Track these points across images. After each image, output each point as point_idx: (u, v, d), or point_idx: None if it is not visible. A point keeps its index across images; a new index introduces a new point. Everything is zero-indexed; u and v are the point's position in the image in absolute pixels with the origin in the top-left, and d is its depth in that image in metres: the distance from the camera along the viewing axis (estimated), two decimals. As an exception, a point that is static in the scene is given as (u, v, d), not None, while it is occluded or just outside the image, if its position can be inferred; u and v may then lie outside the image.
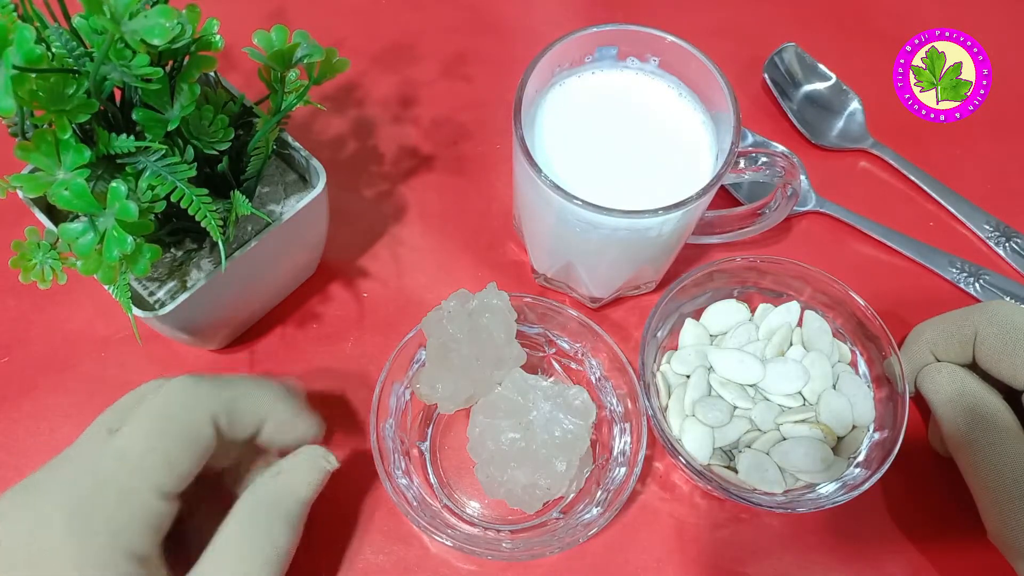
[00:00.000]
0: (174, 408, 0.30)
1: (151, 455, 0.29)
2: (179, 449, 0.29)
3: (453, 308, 0.36)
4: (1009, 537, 0.34)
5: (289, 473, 0.32)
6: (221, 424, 0.31)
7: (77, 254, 0.28)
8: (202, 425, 0.30)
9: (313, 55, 0.32)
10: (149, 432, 0.29)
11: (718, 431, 0.38)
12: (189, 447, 0.30)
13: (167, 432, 0.29)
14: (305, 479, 0.32)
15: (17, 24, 0.25)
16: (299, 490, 0.32)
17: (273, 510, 0.31)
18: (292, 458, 0.33)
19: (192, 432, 0.30)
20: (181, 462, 0.29)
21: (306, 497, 0.32)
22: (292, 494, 0.32)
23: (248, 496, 0.31)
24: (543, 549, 0.35)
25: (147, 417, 0.30)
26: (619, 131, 0.38)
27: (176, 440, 0.29)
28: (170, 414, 0.30)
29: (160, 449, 0.29)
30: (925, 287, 0.46)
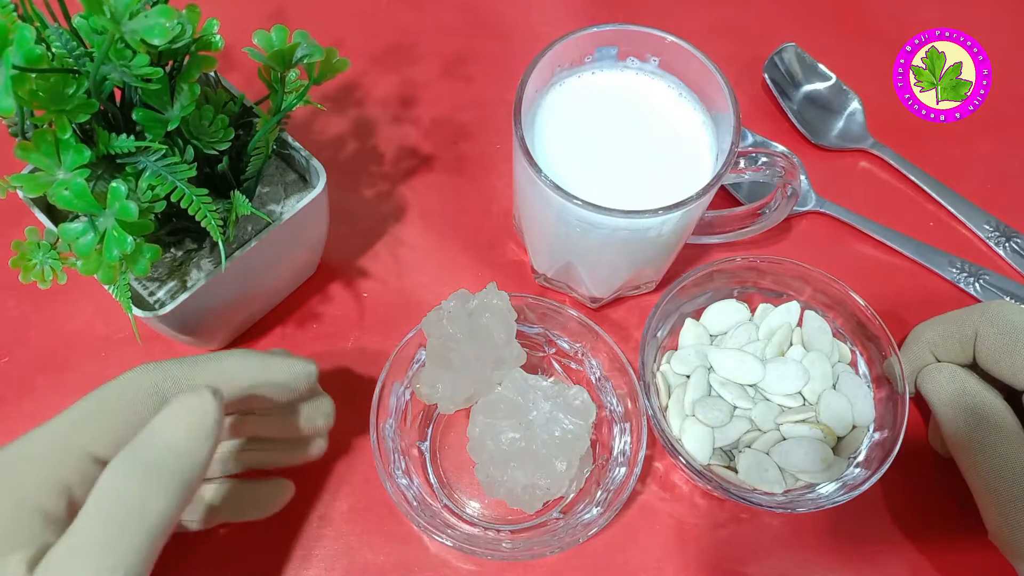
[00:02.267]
0: (114, 384, 0.30)
1: (73, 421, 0.28)
2: (107, 417, 0.29)
3: (453, 308, 0.36)
4: (1009, 537, 0.34)
5: (160, 420, 0.28)
6: (168, 393, 0.30)
7: (77, 254, 0.28)
8: (142, 395, 0.29)
9: (313, 55, 0.32)
10: (85, 402, 0.29)
11: (718, 431, 0.38)
12: (121, 414, 0.29)
13: (98, 403, 0.29)
14: (171, 422, 0.27)
15: (17, 24, 0.25)
16: (175, 440, 0.27)
17: (143, 469, 0.27)
18: (168, 405, 0.29)
19: (128, 401, 0.29)
20: (109, 430, 0.28)
21: (186, 447, 0.27)
22: (167, 447, 0.27)
23: (119, 454, 0.27)
24: (543, 549, 0.35)
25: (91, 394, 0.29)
26: (619, 131, 0.38)
27: (106, 409, 0.29)
28: (107, 388, 0.29)
29: (84, 417, 0.28)
30: (925, 287, 0.46)
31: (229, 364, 0.31)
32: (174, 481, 0.27)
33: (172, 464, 0.27)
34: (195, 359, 0.31)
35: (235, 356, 0.32)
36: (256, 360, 0.32)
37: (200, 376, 0.30)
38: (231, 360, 0.32)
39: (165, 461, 0.27)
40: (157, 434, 0.27)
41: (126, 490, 0.26)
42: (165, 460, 0.27)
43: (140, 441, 0.27)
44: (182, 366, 0.30)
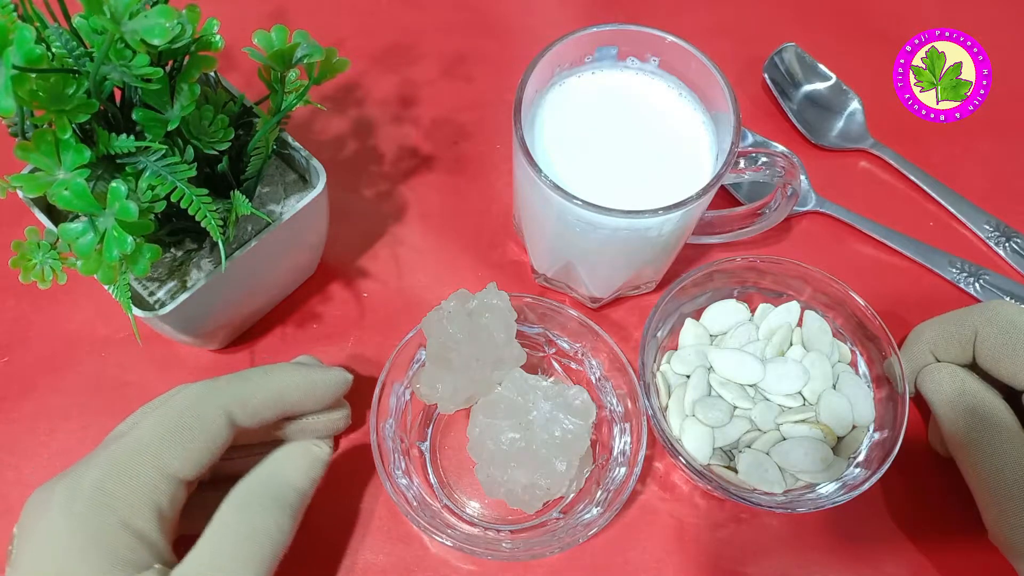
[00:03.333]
0: (184, 402, 0.31)
1: (155, 439, 0.30)
2: (185, 436, 0.30)
3: (453, 308, 0.36)
4: (1009, 537, 0.34)
5: (281, 462, 0.33)
6: (236, 415, 0.31)
7: (77, 254, 0.28)
8: (212, 415, 0.31)
9: (313, 55, 0.32)
10: (158, 422, 0.30)
11: (718, 431, 0.38)
12: (197, 435, 0.30)
13: (175, 421, 0.30)
14: (296, 467, 0.33)
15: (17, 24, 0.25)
16: (292, 479, 0.32)
17: (265, 500, 0.31)
18: (285, 448, 0.33)
19: (201, 421, 0.30)
20: (187, 448, 0.30)
21: (301, 486, 0.32)
22: (284, 483, 0.32)
23: (242, 483, 0.32)
24: (543, 549, 0.35)
25: (159, 412, 0.31)
26: (619, 131, 0.38)
27: (183, 428, 0.30)
28: (180, 407, 0.31)
29: (165, 434, 0.30)
30: (925, 287, 0.46)
31: (281, 381, 0.33)
32: (293, 515, 0.31)
33: (292, 501, 0.32)
34: (248, 376, 0.33)
35: (285, 372, 0.33)
36: (304, 376, 0.34)
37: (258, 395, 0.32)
38: (282, 376, 0.33)
39: (287, 498, 0.31)
40: (279, 474, 0.32)
41: (256, 520, 0.30)
42: (287, 497, 0.31)
43: (263, 478, 0.32)
44: (242, 385, 0.32)
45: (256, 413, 0.32)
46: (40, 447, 0.40)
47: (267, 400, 0.32)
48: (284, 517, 0.31)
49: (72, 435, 0.40)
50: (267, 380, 0.33)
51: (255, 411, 0.32)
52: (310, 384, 0.34)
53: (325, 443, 0.34)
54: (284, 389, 0.33)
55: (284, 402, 0.33)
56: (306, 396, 0.33)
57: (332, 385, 0.34)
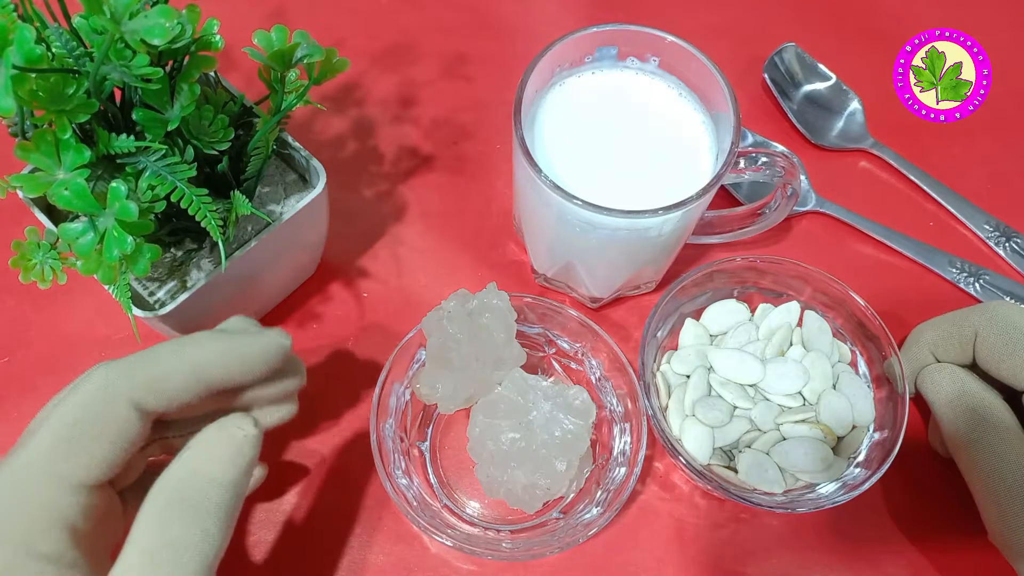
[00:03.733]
0: (83, 400, 0.27)
1: (52, 451, 0.26)
2: (89, 440, 0.26)
3: (453, 308, 0.36)
4: (1009, 537, 0.34)
5: (199, 454, 0.27)
6: (147, 403, 0.27)
7: (77, 254, 0.28)
8: (118, 411, 0.27)
9: (313, 55, 0.32)
10: (54, 430, 0.26)
11: (718, 431, 0.38)
12: (103, 436, 0.26)
13: (74, 426, 0.26)
14: (215, 456, 0.27)
15: (17, 24, 0.25)
16: (211, 472, 0.26)
17: (184, 505, 0.26)
18: (201, 435, 0.28)
19: (105, 420, 0.26)
20: (94, 453, 0.26)
21: (225, 479, 0.26)
22: (203, 479, 0.26)
23: (154, 491, 0.26)
24: (543, 549, 0.35)
25: (55, 416, 0.27)
26: (619, 131, 0.38)
27: (84, 432, 0.26)
28: (78, 407, 0.27)
29: (64, 444, 0.26)
30: (925, 287, 0.46)
31: (195, 357, 0.28)
32: (221, 515, 0.26)
33: (217, 498, 0.26)
34: (157, 355, 0.28)
35: (201, 346, 0.28)
36: (225, 348, 0.29)
37: (171, 377, 0.27)
38: (197, 351, 0.28)
39: (210, 496, 0.26)
40: (198, 470, 0.27)
41: (175, 530, 0.25)
42: (209, 495, 0.26)
43: (179, 478, 0.26)
44: (148, 367, 0.27)
45: (173, 397, 0.27)
46: (40, 447, 0.40)
47: (183, 381, 0.27)
48: (210, 522, 0.26)
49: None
50: (179, 358, 0.28)
51: (171, 396, 0.27)
52: (234, 356, 0.28)
53: (248, 421, 0.28)
54: (201, 366, 0.28)
55: (204, 381, 0.28)
56: (230, 371, 0.28)
57: (263, 354, 0.29)
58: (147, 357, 0.28)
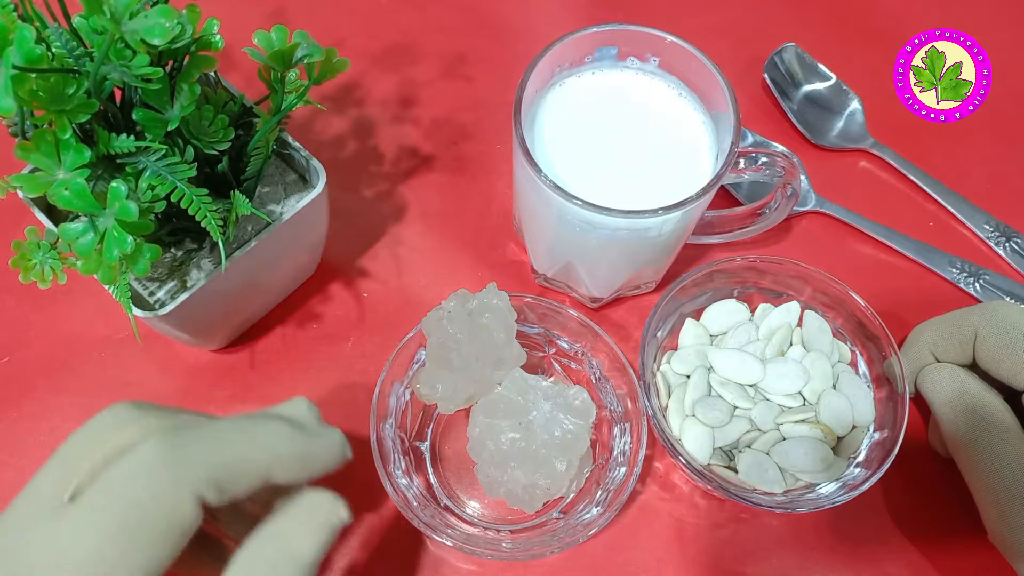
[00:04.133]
0: (144, 494, 0.23)
1: (111, 557, 0.23)
2: (149, 545, 0.23)
3: (453, 308, 0.36)
4: (1009, 537, 0.34)
5: (287, 533, 0.26)
6: (207, 498, 0.24)
7: (77, 254, 0.28)
8: (182, 510, 0.24)
9: (313, 55, 0.32)
10: (110, 527, 0.23)
11: (718, 431, 0.38)
12: (163, 540, 0.23)
13: (135, 526, 0.23)
14: (307, 539, 0.26)
15: (17, 24, 0.25)
16: (301, 553, 0.25)
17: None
18: (293, 511, 0.26)
19: (168, 522, 0.23)
20: (152, 559, 0.23)
21: (310, 560, 0.25)
22: (293, 559, 0.25)
23: (244, 561, 0.25)
24: (543, 549, 0.35)
25: (108, 502, 0.23)
26: (619, 131, 0.38)
27: (146, 535, 0.23)
28: (140, 503, 0.23)
29: (124, 548, 0.23)
30: (925, 287, 0.46)
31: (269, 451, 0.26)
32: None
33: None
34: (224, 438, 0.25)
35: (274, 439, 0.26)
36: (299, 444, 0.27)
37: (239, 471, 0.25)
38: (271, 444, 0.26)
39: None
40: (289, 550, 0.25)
41: None
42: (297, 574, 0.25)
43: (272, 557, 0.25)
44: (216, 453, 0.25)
45: (231, 496, 0.25)
46: (40, 447, 0.40)
47: (247, 481, 0.25)
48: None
49: (72, 435, 0.40)
50: (252, 453, 0.25)
51: (231, 494, 0.25)
52: (303, 461, 0.27)
53: (341, 506, 0.26)
54: (271, 465, 0.26)
55: (268, 478, 0.26)
56: (295, 475, 0.26)
57: (326, 464, 0.27)
58: (218, 444, 0.25)
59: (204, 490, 0.24)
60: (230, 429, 0.26)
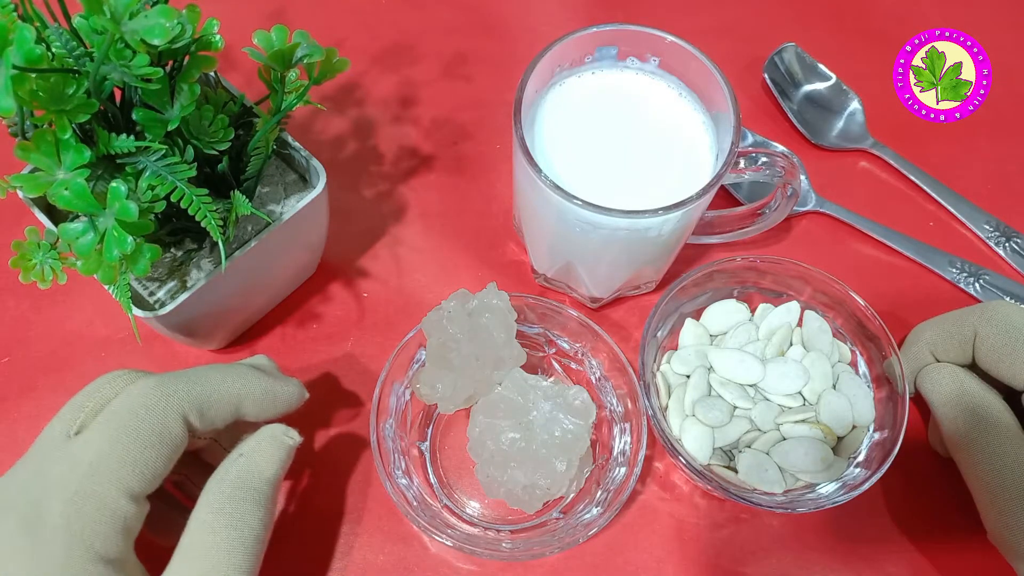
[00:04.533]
0: (140, 410, 0.29)
1: (114, 457, 0.28)
2: (145, 450, 0.29)
3: (453, 308, 0.36)
4: (1009, 537, 0.34)
5: (251, 455, 0.31)
6: (192, 421, 0.30)
7: (77, 254, 0.28)
8: (171, 425, 0.29)
9: (313, 55, 0.32)
10: (113, 435, 0.29)
11: (718, 431, 0.38)
12: (157, 448, 0.29)
13: (133, 433, 0.29)
14: (268, 458, 0.31)
15: (17, 24, 0.25)
16: (264, 469, 0.31)
17: (240, 493, 0.30)
18: (253, 439, 0.32)
19: (160, 433, 0.29)
20: (148, 463, 0.29)
21: (272, 475, 0.31)
22: (257, 475, 0.31)
23: (213, 482, 0.30)
24: (543, 549, 0.35)
25: (110, 419, 0.29)
26: (619, 131, 0.38)
27: (142, 441, 0.29)
28: (136, 415, 0.29)
29: (124, 451, 0.28)
30: (925, 287, 0.46)
31: (240, 388, 0.32)
32: (271, 508, 0.31)
33: (269, 492, 0.31)
34: (205, 378, 0.31)
35: (244, 379, 0.32)
36: (264, 387, 0.33)
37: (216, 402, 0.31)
38: (242, 384, 0.32)
39: (264, 490, 0.31)
40: (254, 468, 0.31)
41: (237, 513, 0.30)
42: (264, 489, 0.31)
43: (239, 474, 0.30)
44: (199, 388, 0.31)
45: (211, 421, 0.31)
46: (40, 447, 0.40)
47: (224, 408, 0.31)
48: (264, 510, 0.30)
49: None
50: (225, 386, 0.32)
51: (211, 419, 0.31)
52: (269, 397, 0.33)
53: (293, 431, 0.33)
54: (242, 398, 0.32)
55: (239, 412, 0.32)
56: (262, 410, 0.33)
57: (288, 400, 0.34)
58: (197, 377, 0.31)
59: (189, 411, 0.30)
60: (207, 369, 0.32)
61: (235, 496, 0.30)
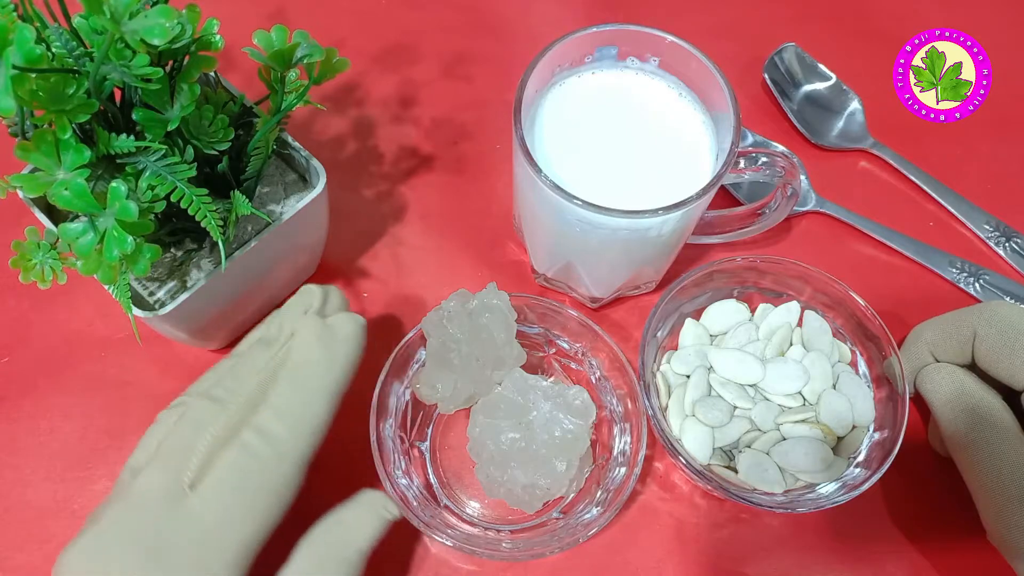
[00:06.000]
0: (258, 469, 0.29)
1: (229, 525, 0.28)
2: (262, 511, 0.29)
3: (453, 308, 0.36)
4: (1007, 537, 0.34)
5: (349, 524, 0.32)
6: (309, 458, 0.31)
7: (77, 254, 0.28)
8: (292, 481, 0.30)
9: (313, 55, 0.32)
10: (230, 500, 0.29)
11: (718, 431, 0.38)
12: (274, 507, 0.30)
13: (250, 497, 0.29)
14: (365, 530, 0.32)
15: (17, 24, 0.25)
16: (358, 541, 0.32)
17: (332, 563, 0.31)
18: (352, 507, 0.33)
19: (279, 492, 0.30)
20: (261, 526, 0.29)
21: (365, 548, 0.32)
22: (351, 545, 0.31)
23: (307, 546, 0.31)
24: (543, 549, 0.35)
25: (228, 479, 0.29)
26: (619, 131, 0.38)
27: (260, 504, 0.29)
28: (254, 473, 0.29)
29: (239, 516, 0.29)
30: (925, 287, 0.46)
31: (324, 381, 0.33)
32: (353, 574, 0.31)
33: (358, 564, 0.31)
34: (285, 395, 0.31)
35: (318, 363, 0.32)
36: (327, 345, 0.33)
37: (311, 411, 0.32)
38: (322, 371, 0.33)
39: (354, 562, 0.31)
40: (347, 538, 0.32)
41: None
42: (354, 561, 0.31)
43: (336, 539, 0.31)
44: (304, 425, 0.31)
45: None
46: (40, 447, 0.40)
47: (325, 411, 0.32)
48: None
49: (72, 435, 0.40)
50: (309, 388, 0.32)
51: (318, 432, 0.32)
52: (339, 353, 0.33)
53: (392, 504, 0.33)
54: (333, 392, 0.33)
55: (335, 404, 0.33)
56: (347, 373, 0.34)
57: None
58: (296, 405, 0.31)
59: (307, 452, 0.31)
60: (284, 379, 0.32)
61: (327, 565, 0.31)
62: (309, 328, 0.33)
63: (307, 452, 0.31)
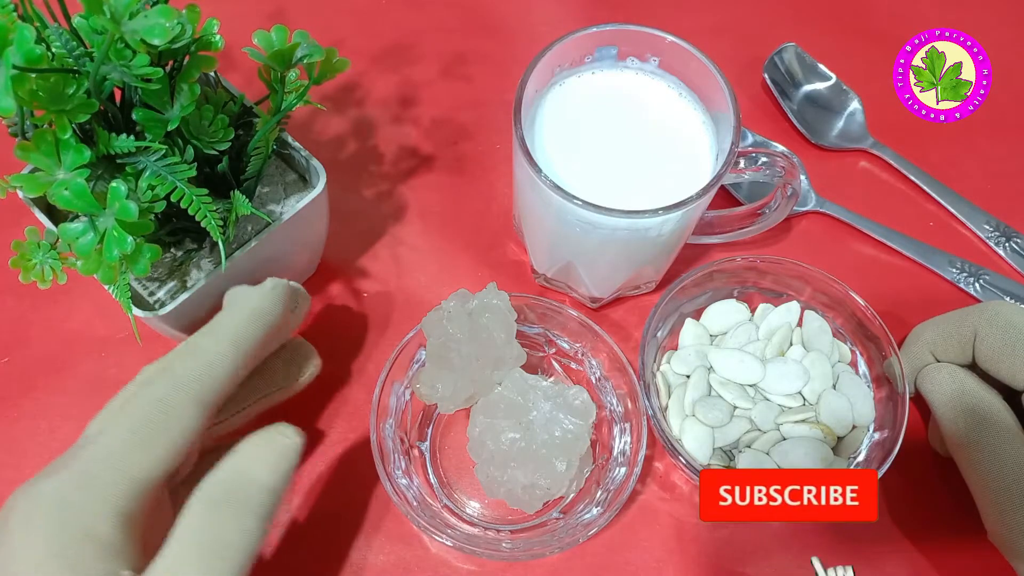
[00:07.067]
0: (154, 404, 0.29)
1: (124, 446, 0.28)
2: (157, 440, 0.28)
3: (453, 308, 0.36)
4: (1009, 537, 0.34)
5: (245, 458, 0.29)
6: (209, 403, 0.29)
7: (77, 254, 0.28)
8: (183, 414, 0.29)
9: (313, 55, 0.32)
10: (126, 427, 0.28)
11: (718, 431, 0.38)
12: (169, 437, 0.28)
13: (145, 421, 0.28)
14: (265, 463, 0.29)
15: (17, 24, 0.25)
16: (260, 476, 0.29)
17: (231, 503, 0.28)
18: (248, 440, 0.30)
19: (169, 421, 0.28)
20: (159, 451, 0.28)
21: (270, 484, 0.29)
22: (253, 482, 0.28)
23: (205, 485, 0.28)
24: (543, 549, 0.35)
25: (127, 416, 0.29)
26: (619, 131, 0.38)
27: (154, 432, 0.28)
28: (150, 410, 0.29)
29: (136, 442, 0.28)
30: (925, 287, 0.46)
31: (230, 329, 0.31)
32: (262, 515, 0.28)
33: (259, 500, 0.28)
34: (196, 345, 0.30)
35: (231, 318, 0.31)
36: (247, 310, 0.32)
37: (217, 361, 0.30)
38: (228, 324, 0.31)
39: (252, 497, 0.28)
40: (243, 472, 0.29)
41: (221, 525, 0.27)
42: (252, 497, 0.28)
43: (226, 479, 0.29)
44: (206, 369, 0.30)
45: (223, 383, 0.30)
46: (40, 447, 0.40)
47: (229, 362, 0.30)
48: (251, 520, 0.28)
49: (72, 435, 0.40)
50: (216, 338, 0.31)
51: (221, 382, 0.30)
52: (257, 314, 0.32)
53: (293, 431, 0.30)
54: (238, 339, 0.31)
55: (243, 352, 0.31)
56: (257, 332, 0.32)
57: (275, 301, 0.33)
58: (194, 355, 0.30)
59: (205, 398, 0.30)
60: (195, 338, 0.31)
61: (226, 505, 0.28)
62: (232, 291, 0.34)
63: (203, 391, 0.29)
